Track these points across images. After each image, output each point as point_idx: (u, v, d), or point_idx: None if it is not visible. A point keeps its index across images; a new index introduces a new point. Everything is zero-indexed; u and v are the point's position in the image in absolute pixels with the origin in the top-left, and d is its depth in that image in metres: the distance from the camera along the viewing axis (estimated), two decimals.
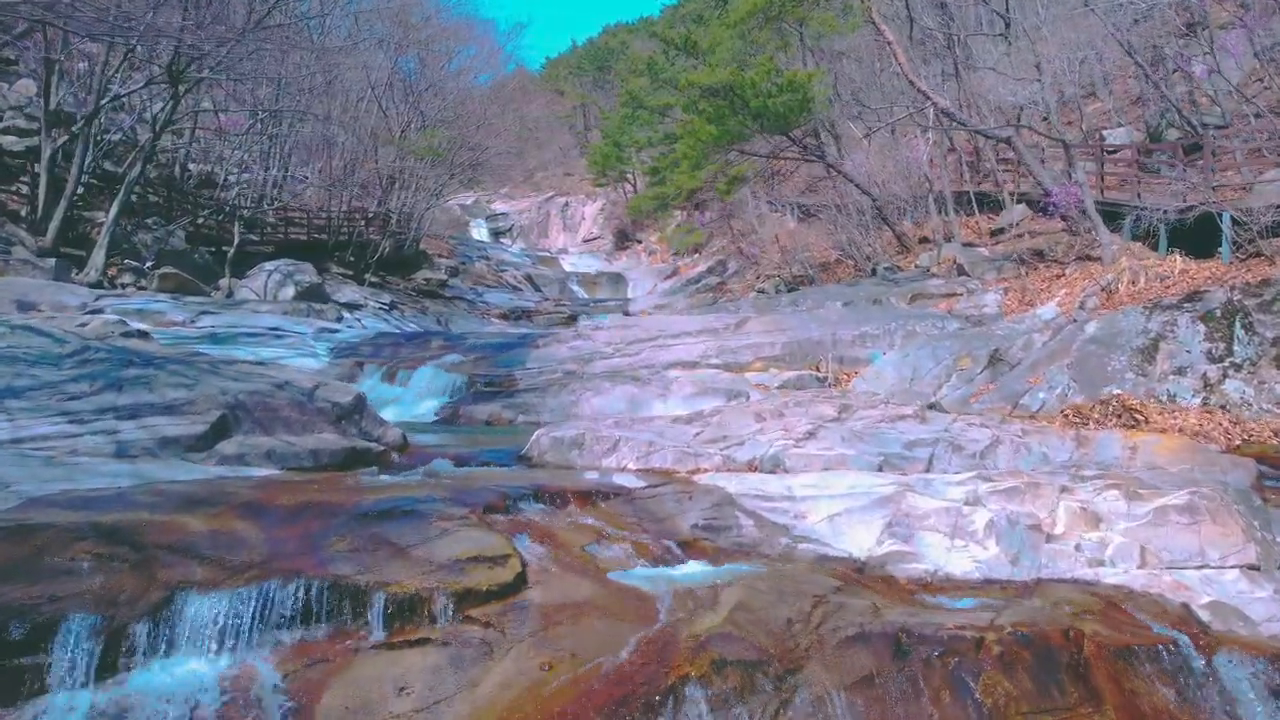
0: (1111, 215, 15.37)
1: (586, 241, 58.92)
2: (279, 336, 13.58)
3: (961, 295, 16.02)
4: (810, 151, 22.13)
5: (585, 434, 7.20)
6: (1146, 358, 11.57)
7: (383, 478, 6.39)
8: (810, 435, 7.33)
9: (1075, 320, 13.26)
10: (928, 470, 7.09)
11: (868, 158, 23.76)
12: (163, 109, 18.74)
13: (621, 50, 62.96)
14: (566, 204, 61.75)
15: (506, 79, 45.04)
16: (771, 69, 20.88)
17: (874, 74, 29.57)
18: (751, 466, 6.89)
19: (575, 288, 43.73)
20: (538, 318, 32.55)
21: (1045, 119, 22.07)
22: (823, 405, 8.37)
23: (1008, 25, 23.98)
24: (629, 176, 52.85)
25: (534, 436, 7.41)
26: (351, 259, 30.75)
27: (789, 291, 30.67)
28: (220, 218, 25.00)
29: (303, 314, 16.22)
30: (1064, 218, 16.39)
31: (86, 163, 23.34)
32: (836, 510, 6.02)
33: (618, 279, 45.21)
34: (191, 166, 29.60)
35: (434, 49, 37.56)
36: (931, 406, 11.86)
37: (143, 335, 9.31)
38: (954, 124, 18.24)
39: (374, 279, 30.69)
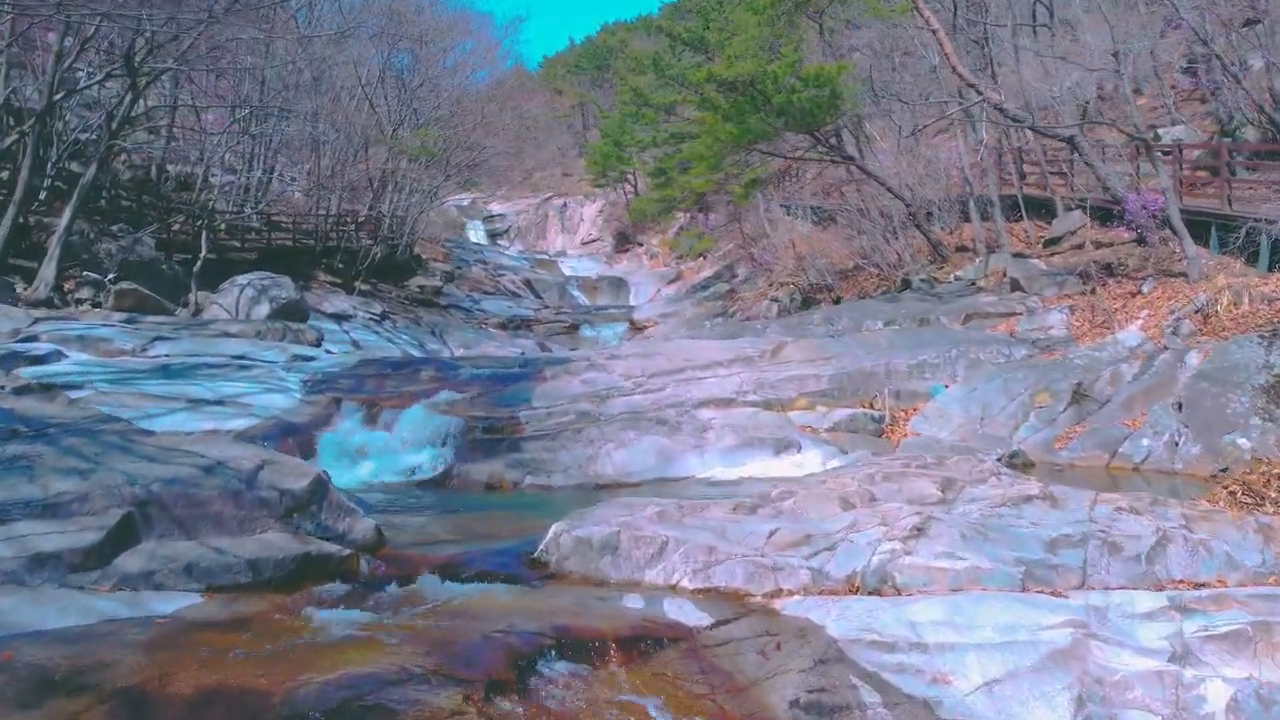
0: (1191, 226, 13.54)
1: (585, 244, 57.48)
2: (244, 367, 11.67)
3: (1021, 315, 14.18)
4: (836, 152, 20.30)
5: (620, 534, 5.35)
6: (1273, 398, 9.74)
7: (349, 616, 4.53)
8: (919, 532, 5.48)
9: (1169, 348, 11.45)
10: (1083, 584, 5.25)
11: (897, 159, 21.93)
12: (119, 103, 16.75)
13: (620, 48, 61.26)
14: (565, 205, 60.43)
15: (505, 75, 43.12)
16: (797, 60, 19.04)
17: (889, 70, 27.75)
18: (851, 586, 5.05)
19: (575, 293, 42.09)
20: (537, 328, 30.72)
21: (1086, 116, 20.25)
22: (919, 480, 6.53)
23: (1051, 14, 22.18)
24: (629, 177, 51.18)
25: (551, 533, 5.56)
26: (340, 266, 28.85)
27: (804, 301, 28.90)
28: (198, 223, 23.07)
29: (277, 335, 14.33)
30: (1133, 227, 14.57)
31: (50, 164, 21.48)
32: (994, 672, 4.18)
33: (619, 283, 43.56)
34: (170, 168, 27.69)
35: (429, 44, 35.65)
36: (1013, 456, 10.04)
37: (45, 389, 7.43)
38: (1009, 121, 16.41)
39: (365, 287, 28.77)
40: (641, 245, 52.73)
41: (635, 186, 52.06)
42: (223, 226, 25.80)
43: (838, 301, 27.16)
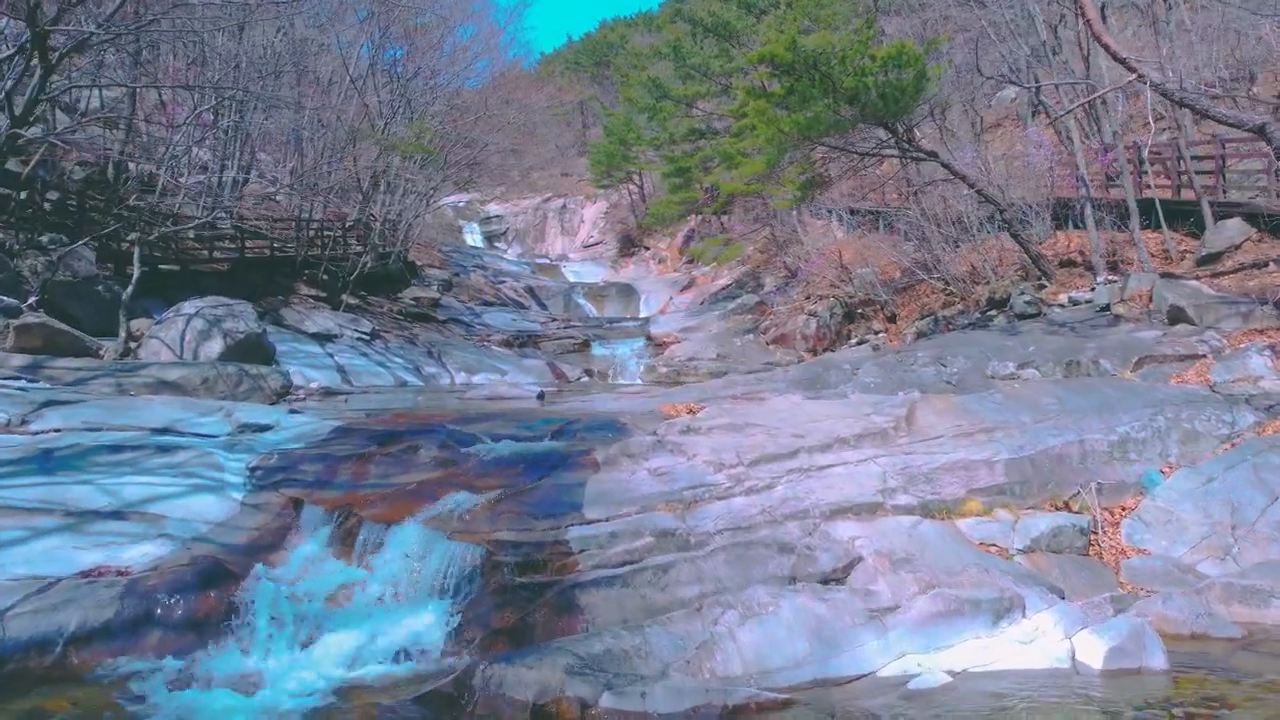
0: None
1: (586, 247, 54.85)
2: (167, 448, 8.17)
3: (1208, 358, 10.76)
4: (915, 147, 16.90)
5: None
6: None
7: None
8: None
9: None
10: None
11: (979, 155, 18.57)
12: (20, 80, 12.98)
13: (620, 44, 58.49)
14: (564, 206, 57.79)
15: (507, 66, 39.74)
16: (870, 37, 15.64)
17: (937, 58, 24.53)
18: None
19: (582, 301, 39.00)
20: (545, 344, 27.38)
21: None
22: None
23: None
24: (634, 178, 48.10)
25: None
26: (325, 278, 25.36)
27: (847, 315, 25.53)
28: (147, 233, 19.51)
29: (229, 384, 10.83)
30: None
31: None
32: None
33: (628, 291, 40.45)
34: (132, 166, 24.15)
35: (426, 31, 32.16)
36: None
37: None
38: (1180, 104, 13.04)
39: (353, 301, 25.32)
40: (648, 250, 49.81)
41: (641, 187, 49.05)
42: (191, 234, 22.38)
43: (892, 319, 23.81)
